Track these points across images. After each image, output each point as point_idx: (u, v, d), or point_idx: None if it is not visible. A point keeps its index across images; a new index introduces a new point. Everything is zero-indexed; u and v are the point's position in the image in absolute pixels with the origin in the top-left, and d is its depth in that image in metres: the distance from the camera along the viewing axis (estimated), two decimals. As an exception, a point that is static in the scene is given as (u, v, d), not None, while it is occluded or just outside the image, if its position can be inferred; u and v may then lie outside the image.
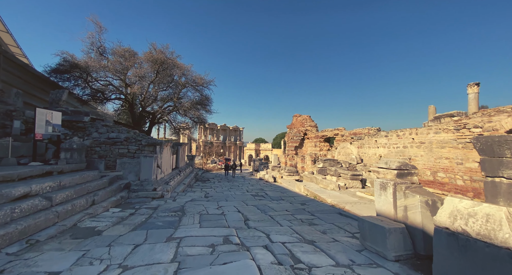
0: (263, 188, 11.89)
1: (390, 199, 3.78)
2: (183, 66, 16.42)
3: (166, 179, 9.69)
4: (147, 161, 7.91)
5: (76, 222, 4.71)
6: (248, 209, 6.69)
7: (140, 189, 7.68)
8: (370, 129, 16.72)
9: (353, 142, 14.08)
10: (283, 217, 5.74)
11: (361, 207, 6.34)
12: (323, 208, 6.69)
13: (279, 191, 10.65)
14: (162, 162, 9.51)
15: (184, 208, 6.48)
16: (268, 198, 8.89)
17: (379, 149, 11.40)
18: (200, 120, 19.51)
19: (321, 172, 11.90)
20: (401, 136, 9.99)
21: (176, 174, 11.59)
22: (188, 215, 5.69)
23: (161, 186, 8.36)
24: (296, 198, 8.63)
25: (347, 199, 7.49)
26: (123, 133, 9.26)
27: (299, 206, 7.11)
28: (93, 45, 14.74)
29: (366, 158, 12.43)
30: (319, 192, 8.58)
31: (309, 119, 28.08)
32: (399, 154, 10.00)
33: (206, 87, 17.83)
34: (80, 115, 9.65)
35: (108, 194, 6.59)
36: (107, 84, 15.94)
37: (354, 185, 9.19)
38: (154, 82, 16.12)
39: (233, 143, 63.74)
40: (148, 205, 6.76)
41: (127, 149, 8.91)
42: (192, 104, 16.62)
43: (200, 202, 7.45)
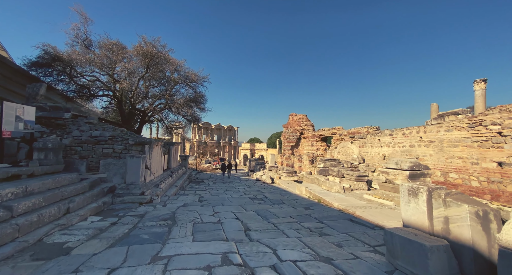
0: (261, 190, 11.20)
1: (423, 207, 3.14)
2: (175, 61, 15.54)
3: (156, 181, 8.88)
4: (134, 162, 7.10)
5: (42, 237, 3.90)
6: (248, 215, 5.98)
7: (126, 193, 6.87)
8: (369, 128, 16.28)
9: (354, 141, 13.54)
10: (288, 225, 5.05)
11: (374, 212, 5.72)
12: (331, 214, 6.04)
13: (278, 193, 9.98)
14: (152, 162, 8.70)
15: (175, 215, 5.72)
16: (268, 201, 8.20)
17: (382, 148, 10.87)
18: (194, 118, 18.65)
19: (322, 172, 11.29)
20: (407, 134, 9.46)
21: (167, 175, 10.77)
22: (179, 224, 4.94)
23: (150, 189, 7.56)
24: (299, 202, 7.97)
25: (355, 202, 6.87)
26: (108, 131, 8.40)
27: (303, 211, 6.44)
28: (78, 37, 13.72)
29: (368, 158, 11.90)
30: (323, 194, 7.95)
31: (306, 118, 27.59)
32: (405, 154, 9.47)
33: (200, 84, 17.00)
34: (60, 112, 8.73)
35: (87, 200, 5.77)
36: (94, 80, 14.93)
37: (359, 186, 8.60)
38: (144, 78, 15.20)
39: (227, 142, 62.84)
40: (134, 211, 5.97)
41: (112, 148, 8.06)
42: (185, 101, 15.75)
43: (194, 207, 6.70)
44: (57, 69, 13.07)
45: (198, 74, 16.50)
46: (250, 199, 8.64)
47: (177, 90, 16.53)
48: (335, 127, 21.12)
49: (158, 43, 13.71)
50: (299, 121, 27.14)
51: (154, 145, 8.74)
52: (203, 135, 60.10)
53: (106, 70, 14.24)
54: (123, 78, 14.15)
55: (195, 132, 58.16)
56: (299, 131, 26.98)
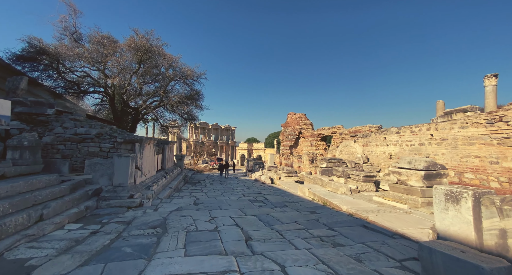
0: (261, 191, 10.58)
1: (468, 216, 2.55)
2: (170, 56, 14.87)
3: (148, 182, 8.21)
4: (121, 162, 6.43)
5: (2, 251, 3.24)
6: (248, 220, 5.36)
7: (113, 196, 6.20)
8: (371, 127, 15.77)
9: (358, 139, 13.00)
10: (295, 232, 4.45)
11: (389, 217, 5.14)
12: (340, 219, 5.45)
13: (279, 195, 9.38)
14: (143, 162, 8.03)
15: (167, 221, 5.07)
16: (269, 204, 7.59)
17: (388, 146, 10.33)
18: (190, 117, 17.97)
19: (324, 172, 10.72)
20: (416, 132, 8.93)
21: (161, 176, 10.10)
22: (170, 233, 4.30)
23: (141, 191, 6.89)
24: (302, 204, 7.37)
25: (365, 205, 6.29)
26: (95, 128, 7.71)
27: (309, 215, 5.84)
28: (66, 30, 12.96)
29: (373, 157, 11.36)
30: (328, 196, 7.36)
31: (304, 117, 27.06)
32: (414, 152, 8.94)
33: (196, 80, 16.33)
34: (43, 107, 8.01)
35: (66, 205, 5.09)
36: (84, 75, 14.17)
37: (367, 187, 8.03)
38: (137, 74, 14.48)
39: (225, 142, 62.13)
40: (120, 217, 5.32)
41: (99, 147, 7.38)
42: (181, 98, 15.07)
43: (188, 212, 6.06)
44: (44, 64, 12.30)
45: (194, 70, 15.83)
46: (250, 201, 8.02)
47: (172, 87, 15.84)
48: (335, 126, 20.62)
49: (152, 37, 13.03)
50: (298, 121, 26.62)
51: (145, 143, 8.07)
52: (200, 135, 59.31)
53: (97, 65, 13.50)
54: (115, 74, 13.42)
55: (192, 132, 57.34)
56: (298, 130, 26.46)
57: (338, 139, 19.41)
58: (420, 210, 5.66)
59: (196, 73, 16.04)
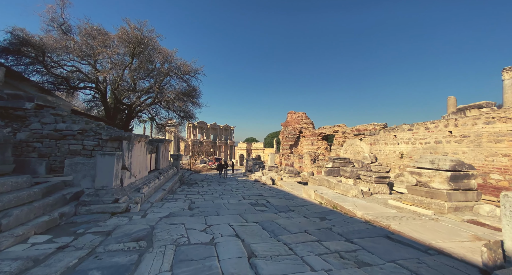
0: (262, 193, 9.82)
1: None
2: (165, 50, 14.06)
3: (138, 184, 7.43)
4: (105, 161, 5.64)
5: None
6: (250, 229, 4.60)
7: (94, 200, 5.42)
8: (376, 125, 15.06)
9: (364, 137, 12.28)
10: (307, 246, 3.69)
11: (414, 226, 4.40)
12: (357, 227, 4.70)
13: (282, 198, 8.62)
14: (133, 162, 7.25)
15: (154, 231, 4.30)
16: (273, 208, 6.83)
17: (399, 145, 9.61)
18: (187, 115, 17.17)
19: (330, 173, 9.98)
20: (431, 129, 8.21)
21: (154, 177, 9.31)
22: (156, 247, 3.53)
23: (128, 194, 6.11)
24: (310, 209, 6.62)
25: (382, 210, 5.55)
26: (79, 124, 6.92)
27: (319, 223, 5.09)
28: (54, 21, 12.14)
29: (381, 156, 10.64)
30: (338, 200, 6.61)
31: (305, 116, 26.38)
32: (429, 151, 8.22)
33: (194, 76, 15.53)
34: (21, 101, 7.21)
35: (35, 212, 4.31)
36: (74, 70, 13.34)
37: (380, 190, 7.30)
38: (131, 69, 13.67)
39: (223, 142, 61.33)
40: (100, 226, 4.54)
41: (81, 144, 6.59)
42: (177, 94, 14.27)
43: (181, 219, 5.29)
44: (30, 57, 11.47)
45: (191, 65, 15.03)
46: (251, 205, 7.26)
47: (168, 83, 15.03)
48: (337, 125, 19.93)
49: (145, 28, 12.22)
50: (298, 120, 25.94)
51: (135, 141, 7.29)
52: (199, 135, 58.50)
53: (88, 59, 12.68)
54: (106, 68, 12.61)
55: (190, 132, 56.52)
56: (298, 129, 25.78)
57: (341, 137, 18.73)
58: (448, 217, 4.92)
59: (193, 69, 15.25)
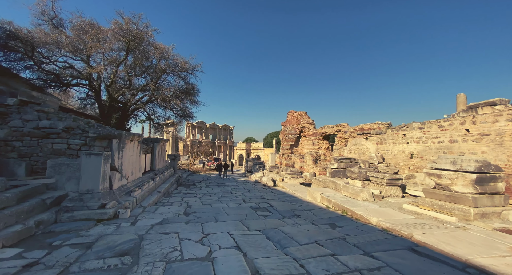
0: (264, 195, 9.26)
1: None
2: (162, 46, 13.47)
3: (129, 186, 6.85)
4: (91, 162, 5.07)
5: None
6: (253, 239, 4.04)
7: (78, 206, 4.84)
8: (380, 124, 14.55)
9: (370, 137, 11.74)
10: (321, 262, 3.14)
11: (442, 236, 3.85)
12: (374, 237, 4.15)
13: (286, 200, 8.07)
14: (124, 162, 6.67)
15: (143, 242, 3.74)
16: (276, 213, 6.27)
17: (409, 144, 9.07)
18: (185, 113, 16.58)
19: (336, 174, 9.44)
20: (445, 127, 7.67)
21: (148, 179, 8.74)
22: (141, 265, 2.97)
23: (117, 199, 5.54)
24: (317, 213, 6.06)
25: (398, 216, 5.01)
26: (65, 121, 6.35)
27: (330, 231, 4.54)
28: (45, 15, 11.54)
29: (389, 156, 10.10)
30: (348, 204, 6.06)
31: (306, 115, 25.89)
32: (443, 150, 7.68)
33: (192, 73, 14.94)
34: (2, 96, 6.63)
35: (6, 220, 3.73)
36: (66, 66, 12.75)
37: (392, 192, 6.76)
38: (126, 65, 13.09)
39: (223, 142, 60.75)
40: (82, 236, 3.97)
41: (66, 143, 6.01)
42: (174, 92, 13.69)
43: (175, 226, 4.72)
44: (19, 51, 10.87)
45: (189, 62, 14.45)
46: (252, 209, 6.70)
47: (164, 80, 14.44)
48: (339, 124, 19.41)
49: (140, 21, 11.62)
50: (299, 119, 25.45)
51: (126, 140, 6.71)
52: (198, 135, 57.93)
53: (80, 54, 12.09)
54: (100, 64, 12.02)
55: (189, 132, 55.94)
56: (298, 129, 25.28)
57: (343, 137, 18.24)
58: (475, 224, 4.38)
59: (191, 65, 14.67)
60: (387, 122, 14.99)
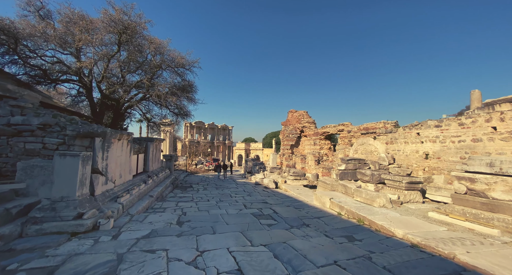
0: (266, 200, 8.52)
1: None
2: (157, 40, 12.71)
3: (116, 191, 6.09)
4: (66, 164, 4.31)
5: None
6: (258, 260, 3.30)
7: (49, 216, 4.08)
8: (386, 123, 13.87)
9: (379, 136, 11.03)
10: (349, 295, 2.40)
11: (491, 255, 3.13)
12: (407, 256, 3.41)
13: (291, 205, 7.33)
14: (110, 164, 5.91)
15: (121, 266, 2.99)
16: (282, 221, 5.53)
17: (424, 144, 8.36)
18: (182, 112, 15.80)
19: (344, 176, 8.71)
20: (467, 125, 6.97)
21: (140, 181, 7.98)
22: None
23: (99, 207, 4.78)
24: (328, 222, 5.33)
25: (427, 228, 4.28)
26: (42, 117, 5.58)
27: (349, 247, 3.81)
28: (31, 5, 10.76)
29: (400, 157, 9.38)
30: (364, 211, 5.32)
31: (306, 115, 25.20)
32: (464, 151, 6.98)
33: (189, 69, 14.18)
34: (-29, 89, 5.87)
35: None
36: (55, 61, 11.95)
37: (412, 198, 6.04)
38: (119, 60, 12.31)
39: (221, 142, 59.93)
40: (47, 256, 3.21)
41: (41, 142, 5.25)
42: (170, 88, 12.91)
43: (164, 240, 3.97)
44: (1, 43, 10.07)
45: (186, 57, 13.69)
46: (254, 216, 5.95)
47: (160, 76, 13.66)
48: (342, 124, 18.70)
49: (132, 12, 10.83)
50: (300, 118, 24.75)
51: (112, 139, 5.94)
52: (196, 135, 57.08)
53: (69, 48, 11.31)
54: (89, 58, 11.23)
55: (187, 132, 55.07)
56: (299, 129, 24.59)
57: (346, 137, 17.55)
58: (523, 239, 3.66)
59: (188, 61, 13.90)
60: (394, 121, 14.31)
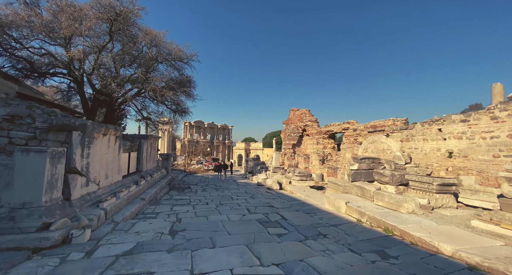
0: (271, 203, 7.68)
1: None
2: (152, 31, 11.86)
3: (100, 194, 5.24)
4: (30, 162, 3.47)
5: None
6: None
7: (6, 227, 3.24)
8: (395, 120, 13.05)
9: (392, 133, 10.21)
10: None
11: None
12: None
13: (300, 210, 6.49)
14: (92, 162, 5.06)
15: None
16: (293, 230, 4.69)
17: (447, 141, 7.53)
18: (180, 109, 14.94)
19: (357, 176, 7.88)
20: (502, 118, 6.14)
21: (131, 182, 7.13)
22: None
23: (74, 214, 3.93)
24: (349, 232, 4.49)
25: (478, 241, 3.45)
26: (12, 107, 4.74)
27: (387, 268, 2.98)
28: (15, -10, 9.90)
29: (418, 156, 8.55)
30: (392, 219, 4.49)
31: (309, 113, 24.37)
32: (499, 148, 6.14)
33: (187, 63, 13.33)
34: None
35: None
36: (43, 53, 11.10)
37: (444, 202, 5.22)
38: (112, 52, 11.46)
39: (221, 142, 59.08)
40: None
41: (7, 136, 4.39)
42: (167, 82, 12.07)
43: (150, 258, 3.14)
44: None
45: (183, 50, 12.84)
46: (260, 223, 5.11)
47: (156, 69, 12.80)
48: (347, 122, 17.88)
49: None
50: (301, 117, 23.93)
51: (95, 133, 5.10)
52: (196, 135, 56.23)
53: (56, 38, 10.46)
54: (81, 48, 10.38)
55: (186, 131, 54.22)
56: (301, 128, 23.78)
57: (352, 135, 16.74)
58: None
59: (186, 54, 13.05)
60: (404, 118, 13.48)
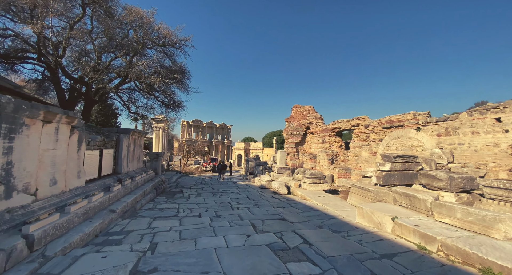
0: (282, 213, 5.96)
1: None
2: (138, 10, 10.15)
3: (36, 210, 3.50)
4: None
5: None
6: None
7: None
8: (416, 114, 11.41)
9: (426, 126, 8.52)
10: None
11: None
12: None
13: (324, 225, 4.78)
14: (21, 162, 3.34)
15: None
16: (328, 267, 2.97)
17: (509, 133, 5.84)
18: (172, 102, 13.17)
19: (389, 179, 6.18)
20: None
21: (97, 189, 5.39)
22: None
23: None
24: (415, 269, 2.80)
25: None
26: None
27: None
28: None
29: (464, 153, 6.86)
30: (488, 251, 2.80)
31: (313, 110, 22.69)
32: None
33: (179, 48, 11.57)
34: None
35: None
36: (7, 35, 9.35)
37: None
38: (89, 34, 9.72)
39: (220, 141, 57.37)
40: None
41: None
42: (155, 69, 10.34)
43: None
44: None
45: (175, 33, 11.11)
46: (275, 253, 3.38)
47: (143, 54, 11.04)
48: (358, 117, 16.22)
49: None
50: (305, 114, 22.28)
51: (25, 118, 3.36)
52: (194, 134, 54.52)
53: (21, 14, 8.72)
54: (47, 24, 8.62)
55: (184, 131, 52.47)
56: (305, 125, 22.14)
57: (363, 132, 15.13)
58: None
59: (179, 38, 11.32)
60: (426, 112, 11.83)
